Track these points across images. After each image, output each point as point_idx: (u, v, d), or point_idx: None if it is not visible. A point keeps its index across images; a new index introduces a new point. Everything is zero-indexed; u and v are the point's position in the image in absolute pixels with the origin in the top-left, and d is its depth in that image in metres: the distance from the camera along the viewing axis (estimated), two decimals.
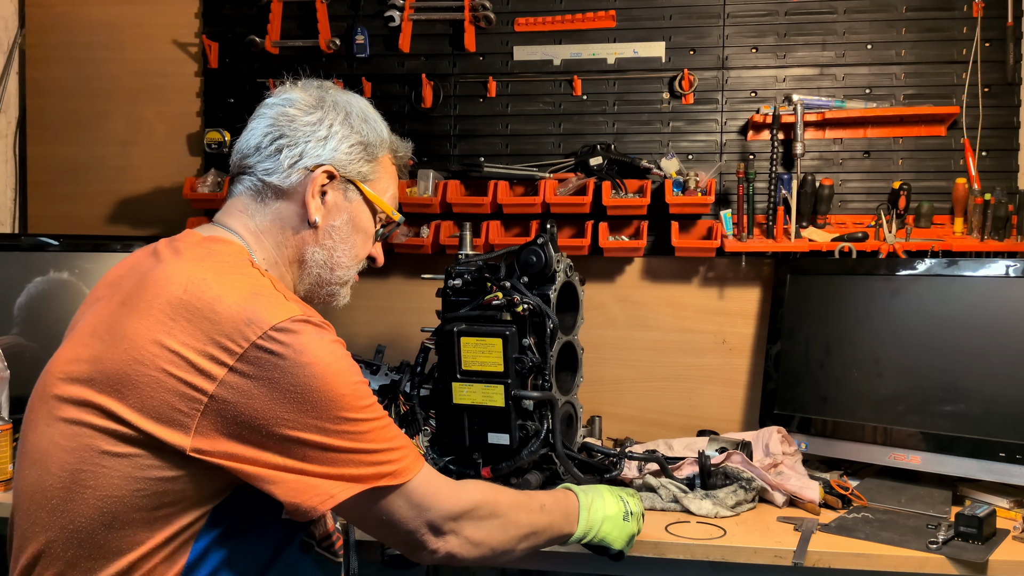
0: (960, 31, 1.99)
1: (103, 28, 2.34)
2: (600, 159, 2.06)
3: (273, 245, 1.18)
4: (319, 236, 1.19)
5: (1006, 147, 1.99)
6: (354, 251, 1.23)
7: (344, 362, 1.04)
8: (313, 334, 1.02)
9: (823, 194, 1.98)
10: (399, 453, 1.07)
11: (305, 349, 1.00)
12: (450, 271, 1.68)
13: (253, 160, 1.17)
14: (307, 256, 1.19)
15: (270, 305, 1.01)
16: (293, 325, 1.00)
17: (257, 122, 1.19)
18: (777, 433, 1.79)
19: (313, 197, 1.16)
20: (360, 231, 1.23)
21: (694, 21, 2.09)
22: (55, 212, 2.37)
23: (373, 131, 1.22)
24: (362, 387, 1.05)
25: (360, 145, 1.20)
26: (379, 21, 2.18)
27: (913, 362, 1.75)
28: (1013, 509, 1.58)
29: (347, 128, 1.19)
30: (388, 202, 1.25)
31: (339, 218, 1.20)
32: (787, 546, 1.43)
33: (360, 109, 1.22)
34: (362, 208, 1.22)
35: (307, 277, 1.21)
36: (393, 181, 1.28)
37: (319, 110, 1.18)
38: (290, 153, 1.15)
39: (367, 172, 1.22)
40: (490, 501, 1.17)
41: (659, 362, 2.14)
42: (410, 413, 1.66)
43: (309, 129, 1.17)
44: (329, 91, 1.22)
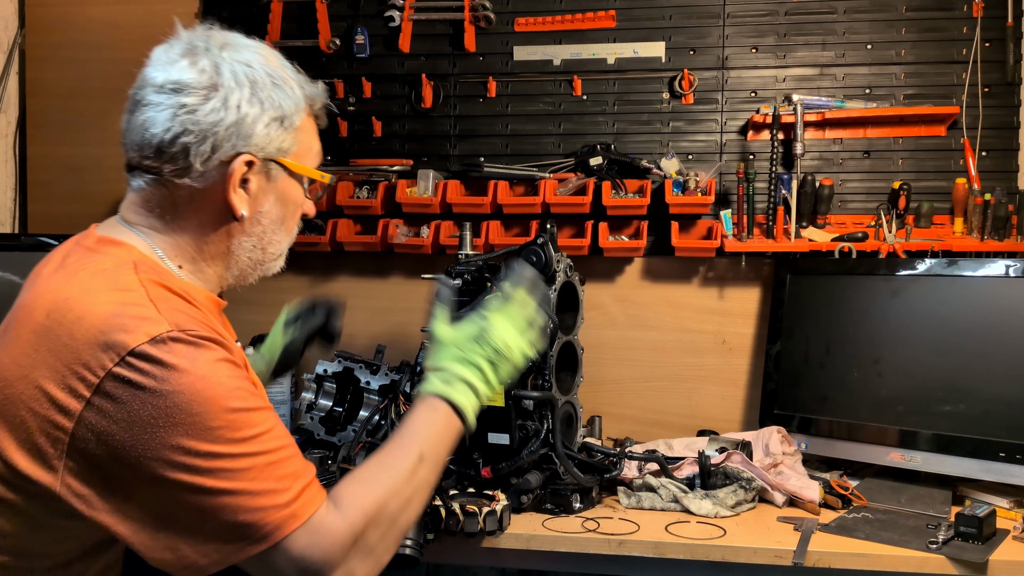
0: (960, 31, 1.99)
1: (103, 28, 2.34)
2: (600, 159, 2.06)
3: (192, 244, 1.07)
4: (247, 226, 1.08)
5: (1006, 147, 1.99)
6: (284, 226, 1.13)
7: (220, 387, 0.90)
8: (183, 354, 0.90)
9: (823, 194, 1.98)
10: (285, 496, 0.92)
11: (169, 375, 0.88)
12: (450, 271, 1.68)
13: (157, 162, 1.02)
14: (234, 247, 1.09)
15: (134, 323, 0.90)
16: (156, 348, 0.88)
17: (150, 114, 1.02)
18: (777, 433, 1.79)
19: (235, 191, 1.04)
20: (289, 203, 1.12)
21: (694, 21, 2.09)
22: (55, 212, 2.37)
23: (286, 96, 1.06)
24: (243, 416, 0.92)
25: (276, 121, 1.05)
26: (379, 21, 2.18)
27: (913, 362, 1.75)
28: (1013, 509, 1.58)
29: (257, 105, 1.03)
30: (312, 162, 1.13)
31: (266, 203, 1.09)
32: (787, 546, 1.43)
33: (264, 72, 1.05)
34: (288, 182, 1.10)
35: (236, 265, 1.11)
36: (313, 136, 1.13)
37: (220, 91, 1.01)
38: (198, 151, 1.01)
39: (288, 144, 1.07)
40: (373, 513, 0.99)
41: (659, 362, 2.14)
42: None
43: (214, 118, 1.01)
44: (223, 56, 1.04)
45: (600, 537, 1.48)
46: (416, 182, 2.11)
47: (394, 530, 1.02)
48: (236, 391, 0.92)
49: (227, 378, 0.92)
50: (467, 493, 1.57)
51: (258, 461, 0.91)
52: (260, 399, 0.97)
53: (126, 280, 0.96)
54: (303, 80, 1.11)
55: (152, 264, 1.02)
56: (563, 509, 1.59)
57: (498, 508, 1.47)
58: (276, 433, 0.95)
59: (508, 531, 1.50)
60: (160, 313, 0.92)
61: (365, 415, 1.88)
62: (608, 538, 1.48)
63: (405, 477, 1.04)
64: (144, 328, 0.89)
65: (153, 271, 1.00)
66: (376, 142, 2.21)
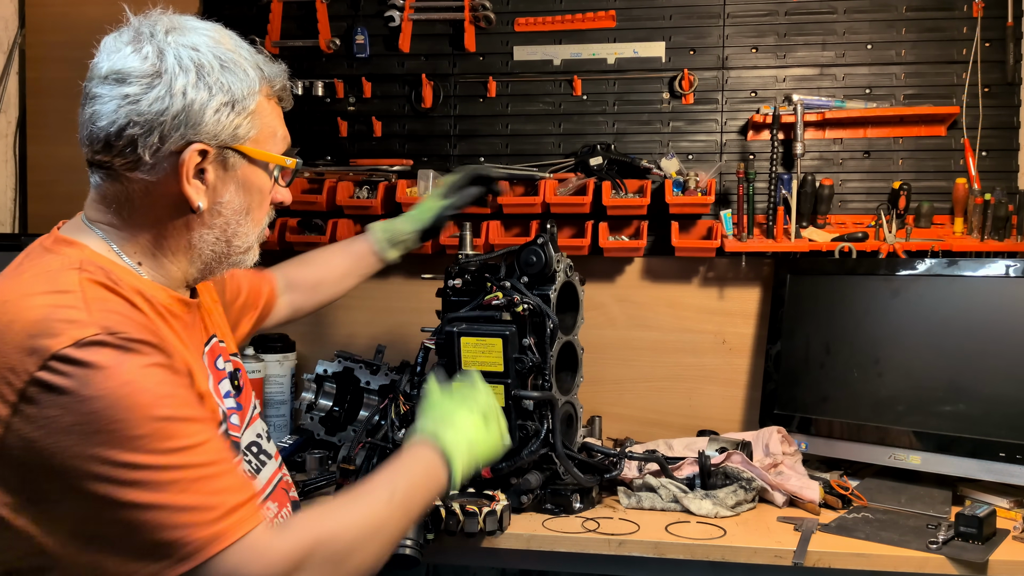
0: (960, 31, 1.99)
1: (103, 28, 2.33)
2: (600, 159, 2.06)
3: (151, 240, 1.03)
4: (206, 218, 1.03)
5: (1006, 147, 1.98)
6: (250, 216, 1.07)
7: (145, 393, 0.86)
8: (107, 358, 0.85)
9: (823, 194, 1.98)
10: (214, 513, 0.87)
11: (91, 380, 0.84)
12: (450, 271, 1.68)
13: (107, 156, 1.00)
14: (196, 240, 1.05)
15: (61, 326, 0.86)
16: (79, 351, 0.84)
17: (97, 107, 1.00)
18: (777, 433, 1.79)
19: (189, 182, 0.99)
20: (254, 192, 1.06)
21: (694, 21, 2.09)
22: (55, 212, 2.32)
23: (237, 79, 1.00)
24: (171, 425, 0.87)
25: (227, 106, 0.99)
26: (379, 21, 2.18)
27: (913, 362, 1.75)
28: (1013, 509, 1.58)
29: (204, 90, 0.98)
30: (277, 146, 1.08)
31: (226, 193, 1.03)
32: (787, 546, 1.43)
33: (212, 55, 0.99)
34: (250, 170, 1.05)
35: (200, 259, 1.07)
36: (276, 120, 1.08)
37: (163, 77, 0.97)
38: (146, 143, 0.97)
39: (244, 130, 1.02)
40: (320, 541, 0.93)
41: (659, 362, 2.14)
42: (410, 413, 1.65)
43: (159, 107, 0.96)
44: (168, 41, 0.99)
45: (600, 537, 1.48)
46: (416, 182, 2.11)
47: (343, 568, 0.94)
48: (165, 398, 0.87)
49: (156, 384, 0.88)
50: (467, 493, 1.57)
51: (186, 475, 0.86)
52: (194, 409, 0.92)
53: (65, 281, 0.92)
54: (262, 60, 1.06)
55: (102, 263, 0.98)
56: (563, 509, 1.59)
57: (498, 508, 1.47)
58: (210, 447, 0.90)
59: (508, 531, 1.50)
60: (91, 315, 0.88)
61: (365, 415, 1.88)
62: (608, 538, 1.48)
63: (366, 513, 0.99)
64: (70, 332, 0.85)
65: (100, 271, 0.96)
66: (376, 142, 2.21)
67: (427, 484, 1.08)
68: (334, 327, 2.23)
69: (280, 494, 1.22)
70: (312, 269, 1.63)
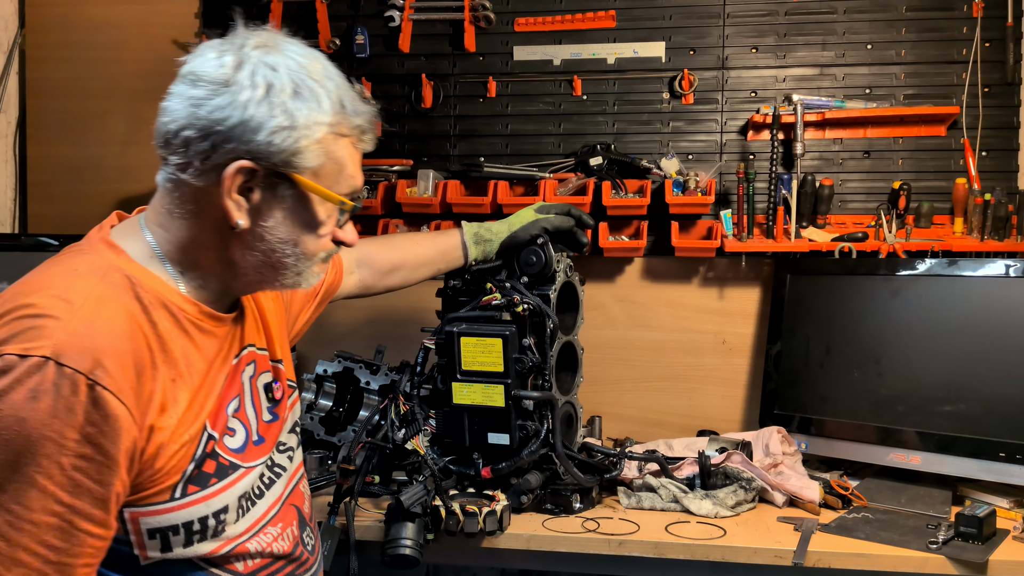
0: (960, 31, 1.99)
1: (103, 28, 2.34)
2: (600, 159, 2.06)
3: (193, 247, 1.02)
4: (248, 239, 1.01)
5: (1006, 147, 1.99)
6: (300, 249, 1.03)
7: (31, 449, 0.83)
8: (31, 385, 0.84)
9: (823, 194, 1.98)
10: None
11: (3, 393, 0.83)
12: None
13: (165, 152, 0.98)
14: (237, 259, 1.02)
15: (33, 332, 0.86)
16: (12, 360, 0.84)
17: (168, 103, 0.98)
18: (777, 433, 1.79)
19: (231, 197, 0.97)
20: (303, 227, 1.02)
21: (694, 21, 2.09)
22: (55, 212, 2.37)
23: (306, 107, 0.97)
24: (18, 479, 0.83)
25: (285, 130, 0.96)
26: (379, 21, 2.18)
27: (913, 362, 1.75)
28: (1013, 509, 1.58)
29: (266, 108, 0.95)
30: (341, 184, 1.04)
31: (271, 218, 1.00)
32: (787, 546, 1.43)
33: (289, 78, 0.97)
34: (301, 201, 1.01)
35: (244, 277, 1.05)
36: (347, 157, 1.04)
37: (230, 88, 0.95)
38: (199, 147, 0.95)
39: (303, 159, 0.98)
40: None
41: (659, 362, 2.14)
42: (410, 413, 1.65)
43: (219, 115, 0.94)
44: (251, 55, 0.97)
45: (600, 537, 1.48)
46: (416, 182, 2.11)
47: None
48: (48, 470, 0.84)
49: (50, 453, 0.84)
50: (467, 493, 1.57)
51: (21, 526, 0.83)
52: (70, 484, 0.86)
53: (78, 289, 0.92)
54: (349, 98, 1.03)
55: (133, 272, 0.98)
56: (563, 509, 1.59)
57: (498, 508, 1.47)
58: (36, 533, 0.84)
59: (508, 531, 1.50)
60: (59, 334, 0.86)
61: (365, 415, 1.88)
62: (608, 538, 1.48)
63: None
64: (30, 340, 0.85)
65: (125, 280, 0.96)
66: (376, 142, 2.21)
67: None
68: (334, 327, 2.23)
69: (287, 511, 1.17)
70: (393, 251, 1.63)
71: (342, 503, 1.55)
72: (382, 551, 1.45)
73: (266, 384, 1.17)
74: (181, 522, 1.00)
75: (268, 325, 1.20)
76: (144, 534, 0.97)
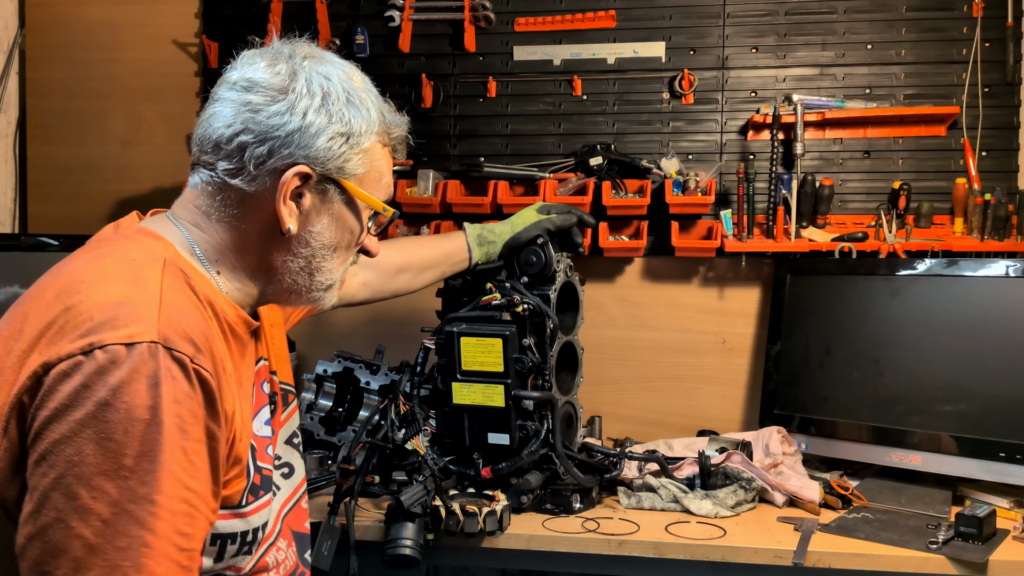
0: (960, 31, 1.99)
1: (103, 28, 2.34)
2: (600, 159, 2.06)
3: (234, 251, 1.02)
4: (293, 244, 1.02)
5: (1006, 147, 1.98)
6: (338, 254, 1.06)
7: (158, 431, 0.82)
8: (149, 372, 0.82)
9: (823, 194, 1.98)
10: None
11: (119, 385, 0.81)
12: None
13: (213, 157, 0.99)
14: (277, 264, 1.03)
15: (125, 320, 0.84)
16: (126, 352, 0.82)
17: (217, 108, 0.99)
18: (777, 433, 1.79)
19: (285, 203, 0.99)
20: (345, 231, 1.06)
21: (694, 21, 2.09)
22: (55, 212, 2.37)
23: (358, 114, 1.02)
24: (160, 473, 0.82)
25: (342, 136, 1.00)
26: (379, 21, 2.18)
27: (913, 362, 1.75)
28: (1013, 509, 1.58)
29: (324, 116, 0.99)
30: (380, 192, 1.07)
31: (318, 223, 1.02)
32: (787, 546, 1.43)
33: (342, 87, 1.02)
34: (347, 207, 1.04)
35: (279, 284, 1.05)
36: (386, 167, 1.08)
37: (288, 95, 0.98)
38: (255, 152, 0.97)
39: (352, 166, 1.02)
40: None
41: (659, 362, 2.14)
42: (410, 413, 1.65)
43: (277, 121, 0.97)
44: (303, 65, 1.01)
45: (600, 537, 1.48)
46: (416, 182, 2.11)
47: None
48: (176, 446, 0.83)
49: (175, 429, 0.83)
50: (467, 493, 1.57)
51: (126, 538, 0.80)
52: (196, 476, 0.86)
53: (148, 276, 0.91)
54: (386, 108, 1.08)
55: (183, 266, 0.97)
56: (563, 509, 1.59)
57: (498, 508, 1.47)
58: (173, 521, 0.83)
59: (508, 531, 1.50)
60: (158, 319, 0.86)
61: (365, 415, 1.88)
62: (608, 538, 1.48)
63: None
64: (130, 328, 0.84)
65: (181, 273, 0.95)
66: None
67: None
68: (334, 327, 2.23)
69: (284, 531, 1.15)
70: (398, 254, 1.63)
71: (342, 503, 1.55)
72: (382, 551, 1.45)
73: (271, 395, 1.17)
74: (240, 530, 0.99)
75: (267, 337, 1.20)
76: (207, 540, 0.95)
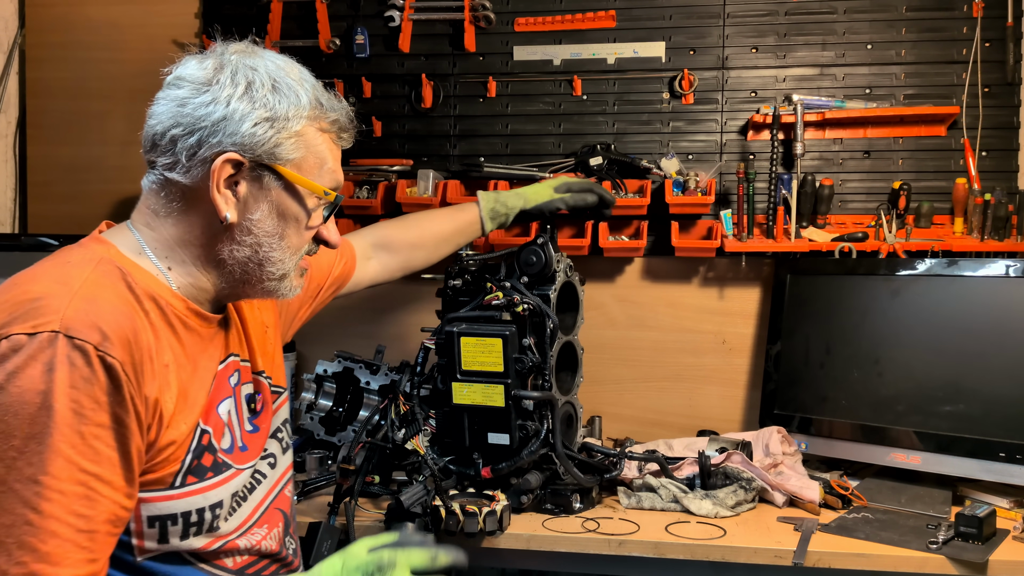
0: (960, 31, 1.99)
1: (103, 28, 2.34)
2: (600, 159, 2.06)
3: (181, 245, 1.05)
4: (236, 233, 1.04)
5: (1006, 147, 1.98)
6: (285, 242, 1.07)
7: (48, 414, 0.84)
8: (45, 359, 0.86)
9: (823, 194, 1.98)
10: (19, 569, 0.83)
11: (16, 370, 0.85)
12: (450, 271, 1.68)
13: (153, 156, 1.03)
14: (225, 255, 1.05)
15: (34, 313, 0.88)
16: (20, 339, 0.86)
17: (153, 108, 1.04)
18: (777, 433, 1.79)
19: (220, 191, 1.01)
20: (288, 219, 1.06)
21: (694, 21, 2.09)
22: (55, 212, 2.37)
23: (284, 100, 1.03)
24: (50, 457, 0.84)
25: (267, 121, 1.01)
26: (379, 21, 2.18)
27: (913, 362, 1.75)
28: (1013, 509, 1.58)
29: (247, 103, 1.01)
30: (324, 178, 1.07)
31: (257, 211, 1.04)
32: (787, 546, 1.43)
33: (268, 75, 1.03)
34: (286, 194, 1.05)
35: (230, 276, 1.07)
36: (328, 153, 1.08)
37: (213, 86, 1.01)
38: (186, 144, 1.00)
39: (284, 151, 1.03)
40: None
41: (659, 362, 2.14)
42: (410, 413, 1.66)
43: (203, 112, 1.00)
44: (231, 59, 1.03)
45: (600, 537, 1.48)
46: (416, 182, 2.11)
47: None
48: (67, 431, 0.85)
49: (68, 412, 0.86)
50: (467, 493, 1.57)
51: (23, 513, 0.83)
52: (91, 452, 0.87)
53: (74, 275, 0.95)
54: (325, 97, 1.09)
55: (123, 264, 1.00)
56: (563, 509, 1.59)
57: (498, 508, 1.47)
58: (65, 502, 0.86)
59: (508, 531, 1.50)
60: (64, 311, 0.89)
61: (365, 415, 1.88)
62: (608, 538, 1.48)
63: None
64: (35, 320, 0.88)
65: (117, 271, 0.99)
66: (376, 142, 2.21)
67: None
68: (334, 327, 2.23)
69: (272, 514, 1.18)
70: (411, 231, 1.66)
71: (342, 503, 1.55)
72: None
73: (248, 395, 1.19)
74: (180, 511, 1.01)
75: (250, 337, 1.22)
76: (144, 521, 0.99)
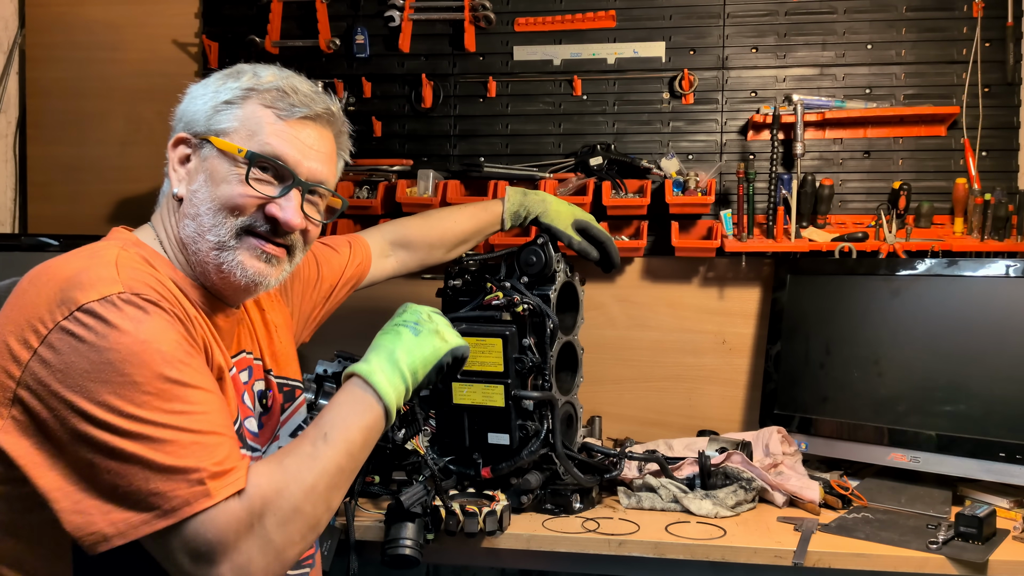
0: (960, 31, 1.99)
1: (103, 28, 2.34)
2: (600, 159, 2.06)
3: (169, 230, 1.11)
4: (185, 207, 1.08)
5: (1006, 147, 1.98)
6: (223, 212, 1.06)
7: (158, 354, 0.91)
8: (128, 315, 0.91)
9: (823, 194, 1.98)
10: (201, 475, 0.89)
11: (109, 332, 0.89)
12: (450, 271, 1.68)
13: None
14: (183, 233, 1.08)
15: (91, 282, 0.92)
16: (103, 306, 0.90)
17: None
18: (777, 433, 1.79)
19: (174, 168, 1.10)
20: (220, 183, 1.07)
21: (694, 21, 2.09)
22: (55, 212, 2.37)
23: (235, 83, 1.09)
24: (176, 389, 0.91)
25: (205, 97, 1.09)
26: (379, 21, 2.18)
27: (913, 362, 1.75)
28: (1013, 509, 1.58)
29: (204, 89, 1.10)
30: (252, 144, 1.07)
31: (197, 180, 1.08)
32: (787, 546, 1.43)
33: (237, 70, 1.11)
34: (218, 160, 1.07)
35: (194, 258, 1.09)
36: (265, 124, 1.08)
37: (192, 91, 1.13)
38: (169, 140, 1.11)
39: (217, 123, 1.07)
40: (271, 495, 0.94)
41: (659, 362, 2.14)
42: (410, 413, 1.65)
43: (179, 108, 1.12)
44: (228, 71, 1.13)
45: (600, 537, 1.48)
46: (416, 182, 2.11)
47: (298, 520, 0.95)
48: (176, 362, 0.92)
49: (169, 347, 0.93)
50: (467, 493, 1.57)
51: (182, 437, 0.90)
52: (202, 378, 0.95)
53: (105, 252, 1.00)
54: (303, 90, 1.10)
55: (145, 251, 1.06)
56: (563, 509, 1.59)
57: (498, 508, 1.47)
58: (211, 418, 0.94)
59: (508, 531, 1.50)
60: (119, 275, 0.95)
61: None
62: (608, 538, 1.48)
63: (306, 460, 0.98)
64: (99, 287, 0.92)
65: (140, 255, 1.03)
66: (376, 142, 2.21)
67: (357, 412, 1.04)
68: (334, 327, 2.23)
69: None
70: (432, 230, 1.67)
71: (342, 503, 1.55)
72: (382, 551, 1.45)
73: (260, 392, 1.21)
74: None
75: (258, 337, 1.25)
76: None
